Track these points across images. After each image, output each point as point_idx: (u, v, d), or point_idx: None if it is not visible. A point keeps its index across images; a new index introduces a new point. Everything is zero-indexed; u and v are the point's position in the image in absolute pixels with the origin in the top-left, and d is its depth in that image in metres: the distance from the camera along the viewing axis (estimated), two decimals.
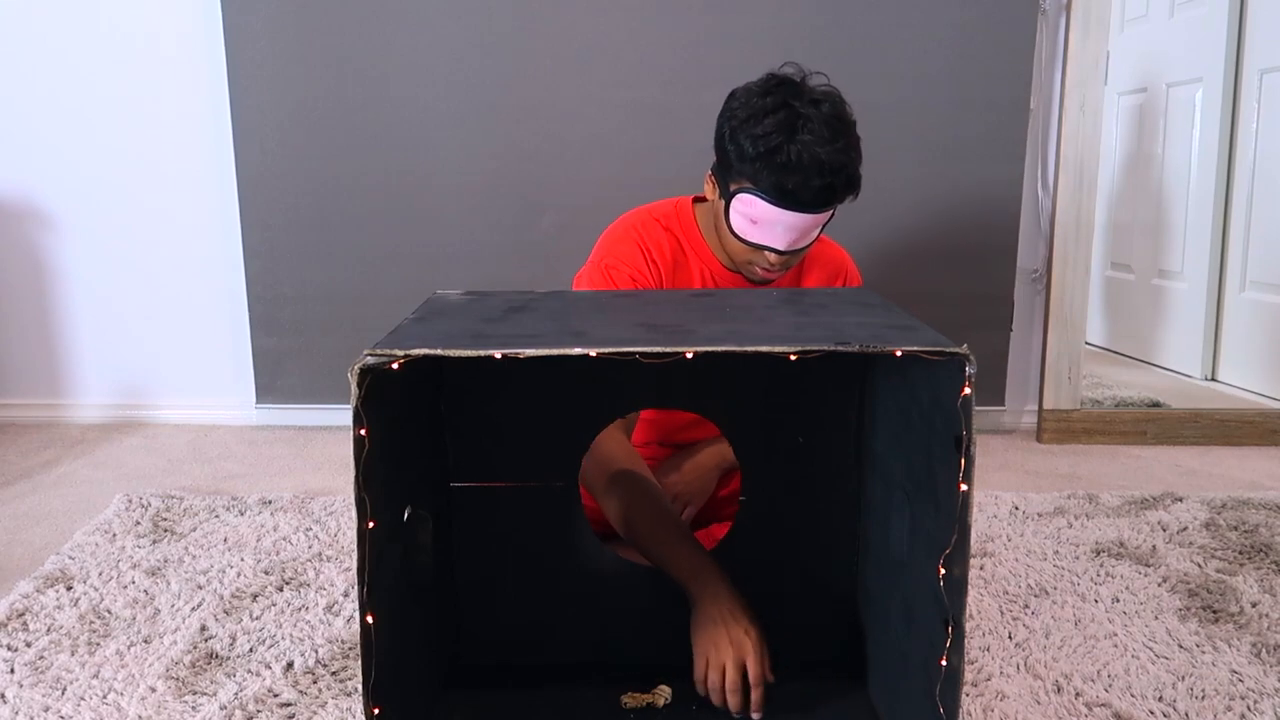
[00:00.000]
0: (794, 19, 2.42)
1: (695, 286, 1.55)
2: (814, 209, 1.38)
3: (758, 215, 1.40)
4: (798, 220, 1.39)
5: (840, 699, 1.27)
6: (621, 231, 1.56)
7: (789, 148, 1.34)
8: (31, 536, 1.89)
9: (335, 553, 1.78)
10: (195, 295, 2.64)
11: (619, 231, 1.57)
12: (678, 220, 1.58)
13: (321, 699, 1.29)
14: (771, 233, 1.41)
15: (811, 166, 1.34)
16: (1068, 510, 1.99)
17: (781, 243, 1.42)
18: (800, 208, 1.37)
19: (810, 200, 1.37)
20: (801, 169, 1.34)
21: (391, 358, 0.91)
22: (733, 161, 1.41)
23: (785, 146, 1.34)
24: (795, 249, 1.44)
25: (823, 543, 1.33)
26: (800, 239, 1.43)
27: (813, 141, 1.34)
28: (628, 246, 1.53)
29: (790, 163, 1.34)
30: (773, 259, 1.45)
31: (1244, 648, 1.44)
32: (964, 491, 0.90)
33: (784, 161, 1.34)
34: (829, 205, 1.40)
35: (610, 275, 1.52)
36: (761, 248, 1.43)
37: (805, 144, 1.34)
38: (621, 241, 1.55)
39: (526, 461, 1.30)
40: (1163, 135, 3.06)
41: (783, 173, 1.35)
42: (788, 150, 1.34)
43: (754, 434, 1.32)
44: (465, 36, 2.44)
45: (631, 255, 1.53)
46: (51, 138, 2.55)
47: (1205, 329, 2.95)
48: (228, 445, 2.51)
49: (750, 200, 1.39)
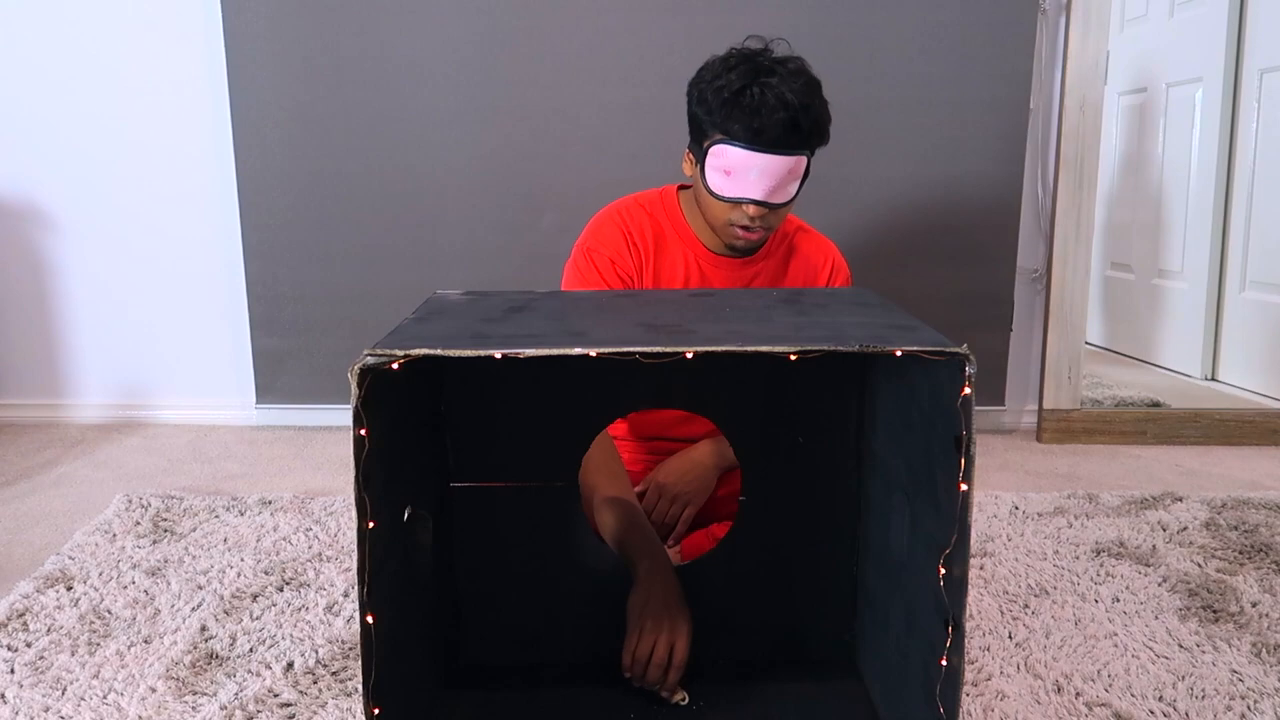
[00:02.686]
0: (794, 19, 2.42)
1: (678, 268, 1.59)
2: (784, 149, 1.41)
3: (732, 164, 1.42)
4: (770, 163, 1.41)
5: (840, 699, 1.27)
6: (605, 216, 1.61)
7: (753, 89, 1.39)
8: (31, 536, 1.89)
9: (335, 553, 1.78)
10: (195, 295, 2.64)
11: (603, 216, 1.61)
12: (662, 205, 1.61)
13: (321, 699, 1.29)
14: (746, 181, 1.43)
15: (777, 104, 1.38)
16: (1068, 510, 1.99)
17: (758, 190, 1.43)
18: (770, 148, 1.40)
19: (778, 138, 1.40)
20: (767, 106, 1.38)
21: (391, 358, 0.91)
22: (703, 121, 1.45)
23: (749, 88, 1.39)
24: (773, 202, 1.45)
25: (823, 543, 1.33)
26: (776, 187, 1.44)
27: (777, 83, 1.39)
28: (610, 230, 1.58)
29: (755, 101, 1.38)
30: (752, 212, 1.46)
31: (1244, 648, 1.44)
32: (964, 491, 0.90)
33: (749, 103, 1.39)
34: (798, 146, 1.43)
35: (591, 258, 1.56)
36: (739, 201, 1.45)
37: (769, 85, 1.39)
38: (604, 225, 1.59)
39: (526, 461, 1.30)
40: (1162, 135, 3.06)
41: (750, 114, 1.39)
42: (752, 91, 1.39)
43: (754, 434, 1.32)
44: (465, 36, 2.44)
45: (613, 238, 1.57)
46: (51, 138, 2.55)
47: (1205, 329, 2.94)
48: (228, 445, 2.51)
49: (722, 150, 1.42)
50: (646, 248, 1.58)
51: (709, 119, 1.44)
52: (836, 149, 2.47)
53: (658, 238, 1.59)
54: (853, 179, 2.50)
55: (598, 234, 1.59)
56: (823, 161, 2.49)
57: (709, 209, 1.51)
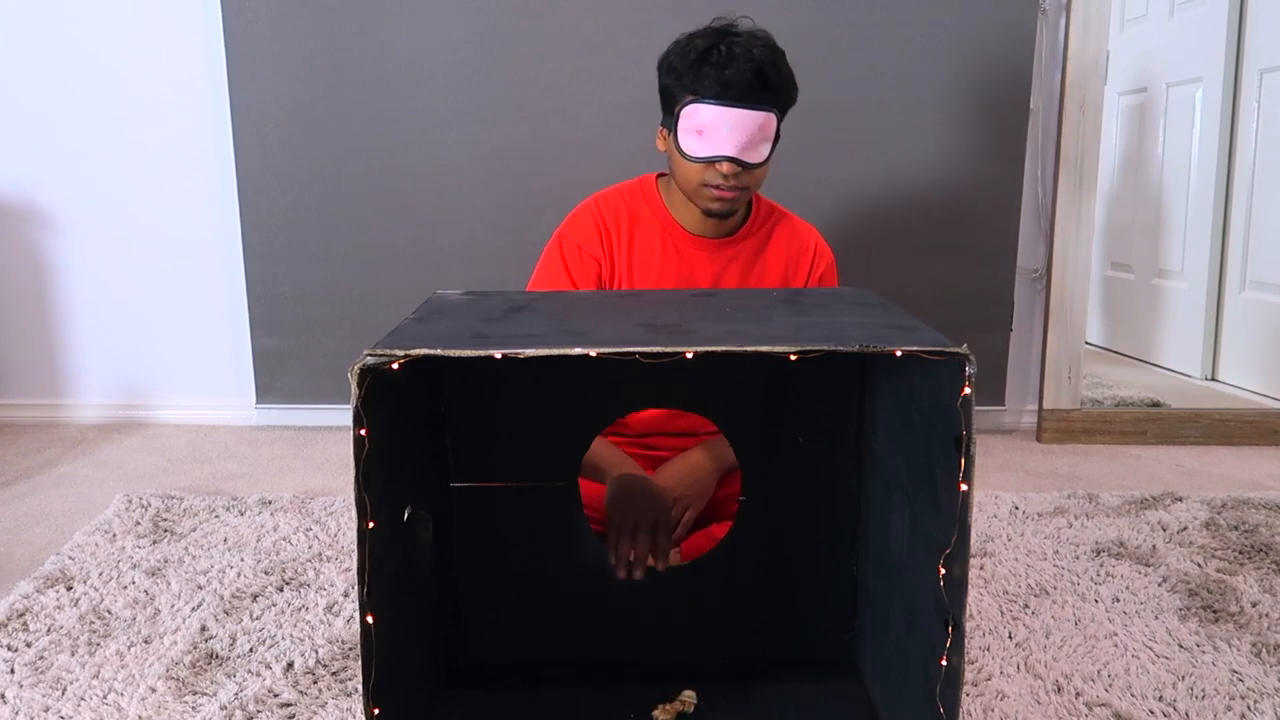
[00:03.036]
0: (794, 19, 2.41)
1: (655, 249, 1.62)
2: (753, 103, 1.45)
3: (704, 122, 1.46)
4: (741, 118, 1.45)
5: (840, 699, 1.27)
6: (582, 206, 1.66)
7: (720, 47, 1.45)
8: (31, 536, 1.89)
9: (335, 553, 1.78)
10: (195, 295, 2.64)
11: (581, 206, 1.66)
12: (640, 190, 1.66)
13: (321, 699, 1.29)
14: (719, 137, 1.46)
15: (744, 59, 1.44)
16: (1068, 510, 1.99)
17: (730, 147, 1.46)
18: (739, 102, 1.44)
19: (746, 91, 1.44)
20: (735, 60, 1.44)
21: (391, 358, 0.91)
22: (673, 87, 1.50)
23: (716, 47, 1.45)
24: (746, 160, 1.48)
25: (823, 543, 1.33)
26: (748, 144, 1.47)
27: (744, 41, 1.46)
28: (584, 218, 1.63)
29: (723, 58, 1.44)
30: (725, 169, 1.48)
31: (1244, 648, 1.44)
32: (964, 491, 0.90)
33: (717, 60, 1.44)
34: (767, 102, 1.47)
35: (559, 245, 1.63)
36: (713, 159, 1.47)
37: (736, 42, 1.45)
38: (580, 214, 1.65)
39: (526, 461, 1.30)
40: (1162, 135, 3.06)
41: (718, 70, 1.44)
42: (719, 50, 1.45)
43: (754, 434, 1.32)
44: (465, 36, 2.44)
45: (585, 226, 1.62)
46: (51, 138, 2.55)
47: (1205, 329, 2.94)
48: (228, 445, 2.51)
49: (694, 109, 1.46)
50: (620, 232, 1.62)
51: (679, 83, 1.49)
52: (836, 148, 2.50)
53: (633, 221, 1.62)
54: (853, 179, 2.50)
55: (572, 223, 1.64)
56: (823, 161, 2.51)
57: (684, 175, 1.53)
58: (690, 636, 1.34)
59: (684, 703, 1.22)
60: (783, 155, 2.46)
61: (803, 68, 2.43)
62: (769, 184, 1.61)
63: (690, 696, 1.23)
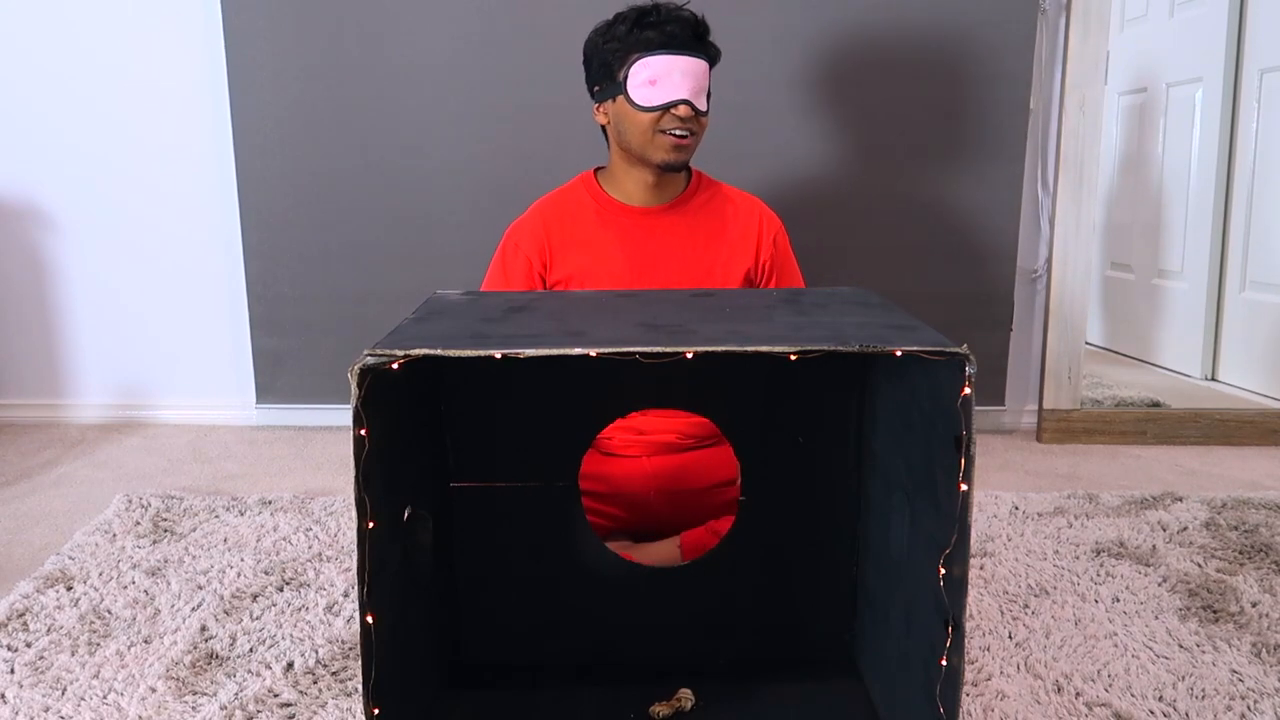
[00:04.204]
0: (794, 19, 2.42)
1: (599, 227, 1.71)
2: (694, 51, 1.60)
3: (655, 72, 1.58)
4: (689, 64, 1.59)
5: (840, 699, 1.27)
6: (530, 208, 1.78)
7: (655, 9, 1.61)
8: (31, 536, 1.89)
9: (335, 553, 1.78)
10: (195, 295, 2.64)
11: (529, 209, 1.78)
12: (580, 183, 1.77)
13: (321, 699, 1.29)
14: (671, 83, 1.59)
15: (679, 15, 1.61)
16: (1068, 510, 1.99)
17: (684, 90, 1.59)
18: (685, 49, 1.59)
19: (689, 41, 1.59)
20: (671, 14, 1.60)
21: (391, 358, 0.91)
22: (612, 57, 1.63)
23: (652, 9, 1.61)
24: (697, 105, 1.60)
25: (823, 543, 1.33)
26: (697, 89, 1.60)
27: (667, 6, 1.62)
28: (526, 217, 1.76)
29: (662, 15, 1.60)
30: (683, 113, 1.60)
31: (1244, 648, 1.44)
32: (964, 491, 0.90)
33: (654, 18, 1.59)
34: (703, 51, 1.62)
35: (503, 243, 1.76)
36: (671, 104, 1.59)
37: (662, 7, 1.62)
38: (524, 215, 1.77)
39: (526, 461, 1.30)
40: (1162, 135, 3.06)
41: (658, 25, 1.58)
42: (653, 11, 1.60)
43: (754, 434, 1.32)
44: (464, 37, 2.44)
45: (524, 224, 1.74)
46: (51, 138, 2.55)
47: (1205, 329, 2.94)
48: (228, 445, 2.51)
49: (645, 62, 1.58)
50: (562, 222, 1.72)
51: (621, 46, 1.61)
52: (836, 148, 2.50)
53: (577, 209, 1.73)
54: (852, 179, 2.50)
55: (516, 224, 1.76)
56: (823, 161, 2.51)
57: (638, 129, 1.62)
58: (690, 636, 1.34)
59: (681, 700, 1.22)
60: (783, 155, 2.48)
61: (802, 67, 2.45)
62: (768, 179, 1.61)
63: (688, 695, 1.23)
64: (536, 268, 1.70)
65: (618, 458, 1.70)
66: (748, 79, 2.43)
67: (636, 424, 1.69)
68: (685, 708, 1.22)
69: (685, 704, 1.22)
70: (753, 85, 2.44)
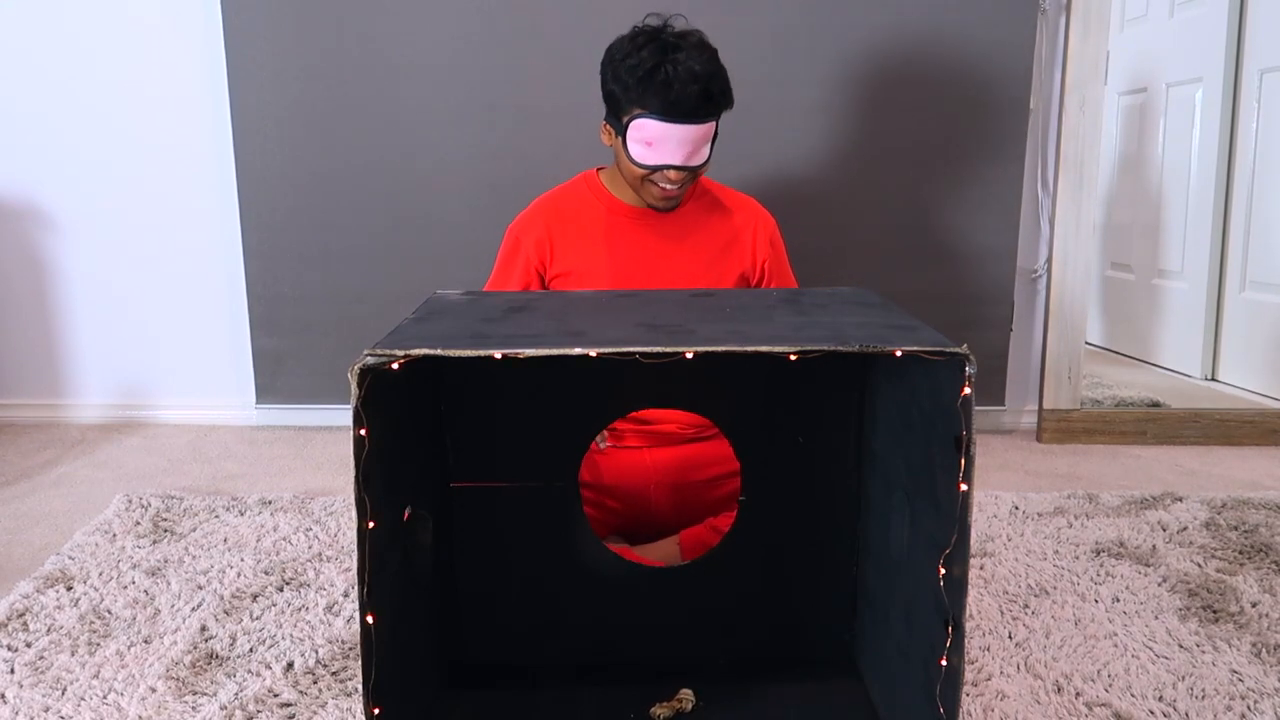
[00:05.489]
0: (794, 19, 2.42)
1: (599, 225, 1.72)
2: (698, 118, 1.55)
3: (651, 136, 1.55)
4: (687, 132, 1.55)
5: (840, 699, 1.27)
6: (534, 203, 1.78)
7: (665, 67, 1.52)
8: (31, 536, 1.89)
9: (335, 553, 1.78)
10: (195, 295, 2.64)
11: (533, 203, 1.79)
12: (583, 182, 1.77)
13: (321, 699, 1.29)
14: (666, 150, 1.56)
15: (688, 77, 1.52)
16: (1068, 510, 1.99)
17: (678, 157, 1.57)
18: (686, 119, 1.54)
19: (693, 109, 1.54)
20: (680, 80, 1.51)
21: (391, 358, 0.91)
22: (620, 98, 1.58)
23: (662, 66, 1.52)
24: (690, 164, 1.59)
25: (823, 543, 1.33)
26: (693, 152, 1.58)
27: (685, 58, 1.53)
28: (529, 213, 1.77)
29: (669, 78, 1.52)
30: (673, 176, 1.61)
31: (1244, 648, 1.44)
32: (964, 491, 0.90)
33: (664, 79, 1.52)
34: (710, 114, 1.57)
35: (506, 238, 1.77)
36: (662, 168, 1.59)
37: (679, 60, 1.52)
38: (528, 209, 1.78)
39: (526, 461, 1.30)
40: (1162, 135, 3.06)
41: (665, 89, 1.52)
42: (665, 69, 1.52)
43: (754, 434, 1.32)
44: (465, 36, 2.44)
45: (528, 217, 1.75)
46: (51, 138, 2.55)
47: (1205, 329, 2.94)
48: (228, 445, 2.51)
49: (642, 124, 1.55)
50: (564, 217, 1.73)
51: (626, 96, 1.56)
52: (836, 148, 2.49)
53: (579, 206, 1.73)
54: (852, 179, 2.49)
55: (519, 219, 1.77)
56: (823, 161, 2.50)
57: (631, 175, 1.63)
58: (690, 636, 1.34)
59: (681, 700, 1.23)
60: (783, 155, 2.48)
61: (803, 67, 2.45)
62: (768, 179, 1.61)
63: (688, 695, 1.23)
64: (535, 264, 1.72)
65: (619, 449, 1.70)
66: (748, 79, 2.41)
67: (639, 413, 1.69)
68: (685, 708, 1.22)
69: (685, 704, 1.22)
70: (753, 85, 2.42)
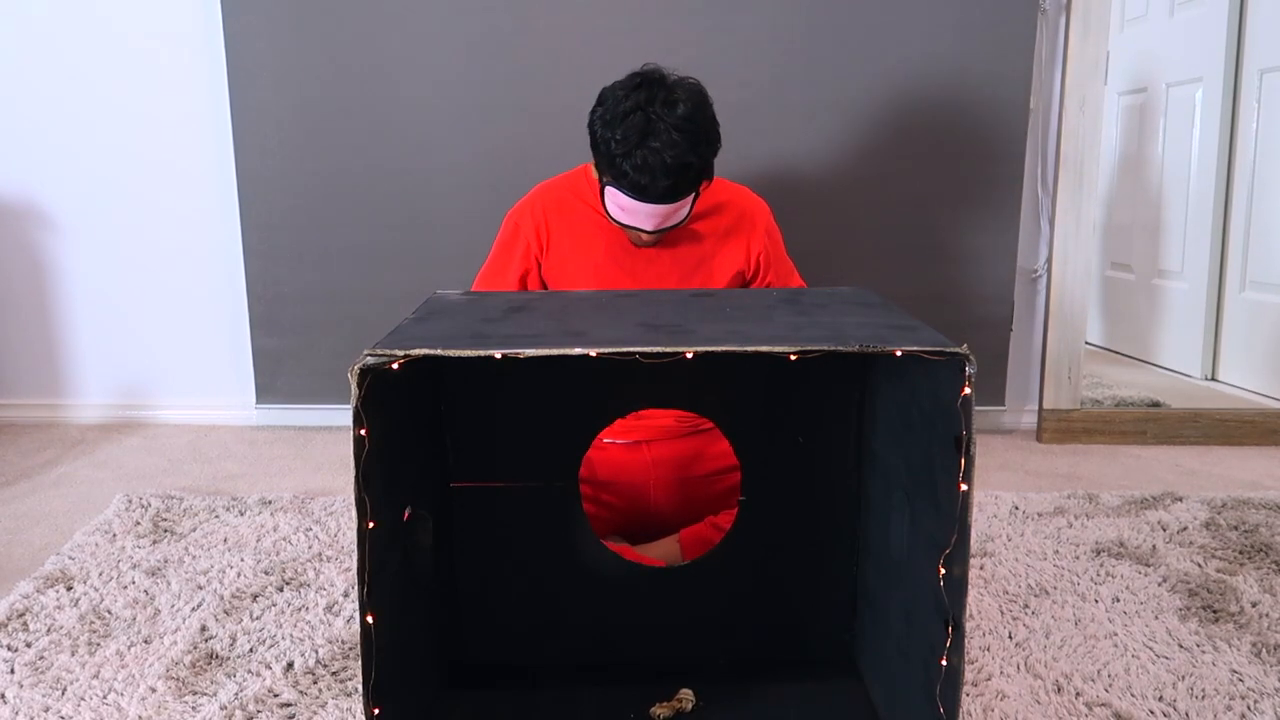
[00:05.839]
0: (794, 19, 2.42)
1: (584, 226, 1.73)
2: (668, 199, 1.56)
3: (623, 205, 1.59)
4: (656, 209, 1.57)
5: (840, 699, 1.27)
6: (532, 191, 1.79)
7: (638, 153, 1.52)
8: (31, 536, 1.89)
9: (335, 553, 1.78)
10: (195, 295, 2.64)
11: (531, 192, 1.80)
12: (583, 173, 1.76)
13: (321, 699, 1.29)
14: (637, 218, 1.59)
15: (658, 169, 1.52)
16: (1068, 510, 1.99)
17: (648, 225, 1.60)
18: (655, 200, 1.56)
19: (660, 196, 1.55)
20: (649, 171, 1.52)
21: (391, 358, 0.91)
22: (600, 159, 1.61)
23: (635, 152, 1.52)
24: (663, 228, 1.61)
25: (823, 543, 1.33)
26: (664, 220, 1.60)
27: (660, 147, 1.51)
28: (527, 200, 1.78)
29: (639, 166, 1.53)
30: (646, 238, 1.65)
31: (1244, 648, 1.44)
32: (964, 491, 0.90)
33: (635, 165, 1.53)
34: (678, 198, 1.57)
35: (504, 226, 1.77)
36: (634, 229, 1.62)
37: (653, 149, 1.52)
38: (527, 197, 1.79)
39: (526, 461, 1.30)
40: (1162, 135, 3.06)
41: (634, 174, 1.54)
42: (636, 156, 1.52)
43: (754, 434, 1.32)
44: (465, 36, 2.44)
45: (527, 206, 1.76)
46: (52, 138, 2.55)
47: (1205, 329, 2.94)
48: (228, 445, 2.51)
49: (615, 194, 1.58)
50: (561, 209, 1.74)
51: (603, 164, 1.59)
52: (836, 148, 2.49)
53: (575, 197, 1.75)
54: (852, 179, 2.49)
55: (518, 206, 1.78)
56: (824, 161, 2.51)
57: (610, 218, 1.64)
58: (690, 636, 1.35)
59: (681, 700, 1.23)
60: (783, 155, 2.48)
61: (802, 67, 2.45)
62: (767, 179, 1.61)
63: (688, 695, 1.23)
64: (534, 250, 1.73)
65: (617, 444, 1.70)
66: (748, 79, 2.43)
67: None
68: (685, 708, 1.22)
69: (685, 704, 1.22)
70: (753, 85, 2.44)
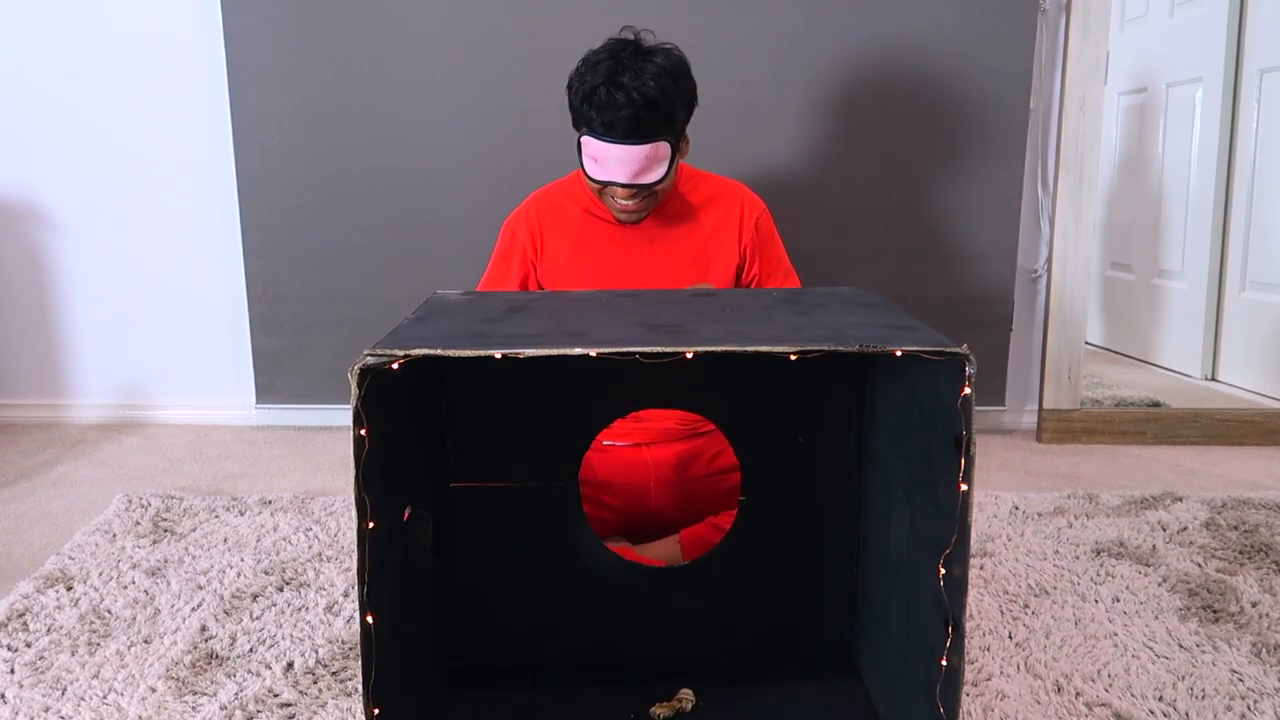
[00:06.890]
0: (794, 19, 2.42)
1: (577, 225, 1.75)
2: (633, 139, 1.56)
3: (595, 152, 1.60)
4: (627, 152, 1.57)
5: (840, 699, 1.27)
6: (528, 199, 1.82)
7: (604, 88, 1.56)
8: (31, 536, 1.89)
9: (335, 553, 1.78)
10: (195, 295, 2.64)
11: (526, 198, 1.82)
12: (577, 182, 1.77)
13: (321, 699, 1.29)
14: (609, 167, 1.59)
15: (623, 100, 1.54)
16: (1068, 510, 1.99)
17: (622, 175, 1.59)
18: (621, 139, 1.56)
19: (625, 130, 1.55)
20: (614, 104, 1.54)
21: (391, 358, 0.91)
22: (573, 111, 1.63)
23: (601, 87, 1.56)
24: (638, 182, 1.60)
25: (823, 543, 1.33)
26: (639, 172, 1.59)
27: (627, 82, 1.55)
28: (523, 207, 1.80)
29: (604, 99, 1.55)
30: (620, 192, 1.63)
31: (1244, 648, 1.44)
32: (964, 491, 0.90)
33: (600, 100, 1.55)
34: (650, 135, 1.57)
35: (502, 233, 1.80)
36: (607, 184, 1.62)
37: (620, 84, 1.55)
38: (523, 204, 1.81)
39: (526, 461, 1.30)
40: (1162, 135, 3.06)
41: (600, 109, 1.56)
42: (603, 90, 1.56)
43: (754, 434, 1.32)
44: (465, 37, 2.44)
45: (523, 213, 1.79)
46: (52, 138, 2.55)
47: (1205, 329, 2.94)
48: (228, 445, 2.51)
49: (587, 140, 1.60)
50: (548, 212, 1.77)
51: (574, 112, 1.62)
52: (836, 148, 2.50)
53: (568, 201, 1.76)
54: (852, 179, 2.49)
55: (514, 213, 1.81)
56: (823, 161, 2.51)
57: (590, 187, 1.68)
58: (690, 636, 1.35)
59: (681, 700, 1.23)
60: (783, 155, 2.48)
61: (802, 67, 2.45)
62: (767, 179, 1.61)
63: (688, 695, 1.23)
64: (530, 255, 1.75)
65: (617, 446, 1.70)
66: (748, 79, 2.43)
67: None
68: (685, 708, 1.22)
69: (685, 704, 1.22)
70: (753, 85, 2.44)
